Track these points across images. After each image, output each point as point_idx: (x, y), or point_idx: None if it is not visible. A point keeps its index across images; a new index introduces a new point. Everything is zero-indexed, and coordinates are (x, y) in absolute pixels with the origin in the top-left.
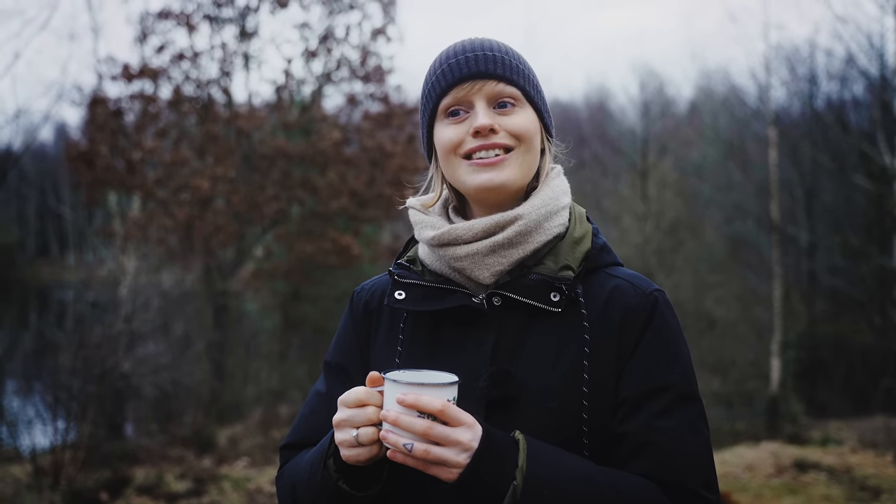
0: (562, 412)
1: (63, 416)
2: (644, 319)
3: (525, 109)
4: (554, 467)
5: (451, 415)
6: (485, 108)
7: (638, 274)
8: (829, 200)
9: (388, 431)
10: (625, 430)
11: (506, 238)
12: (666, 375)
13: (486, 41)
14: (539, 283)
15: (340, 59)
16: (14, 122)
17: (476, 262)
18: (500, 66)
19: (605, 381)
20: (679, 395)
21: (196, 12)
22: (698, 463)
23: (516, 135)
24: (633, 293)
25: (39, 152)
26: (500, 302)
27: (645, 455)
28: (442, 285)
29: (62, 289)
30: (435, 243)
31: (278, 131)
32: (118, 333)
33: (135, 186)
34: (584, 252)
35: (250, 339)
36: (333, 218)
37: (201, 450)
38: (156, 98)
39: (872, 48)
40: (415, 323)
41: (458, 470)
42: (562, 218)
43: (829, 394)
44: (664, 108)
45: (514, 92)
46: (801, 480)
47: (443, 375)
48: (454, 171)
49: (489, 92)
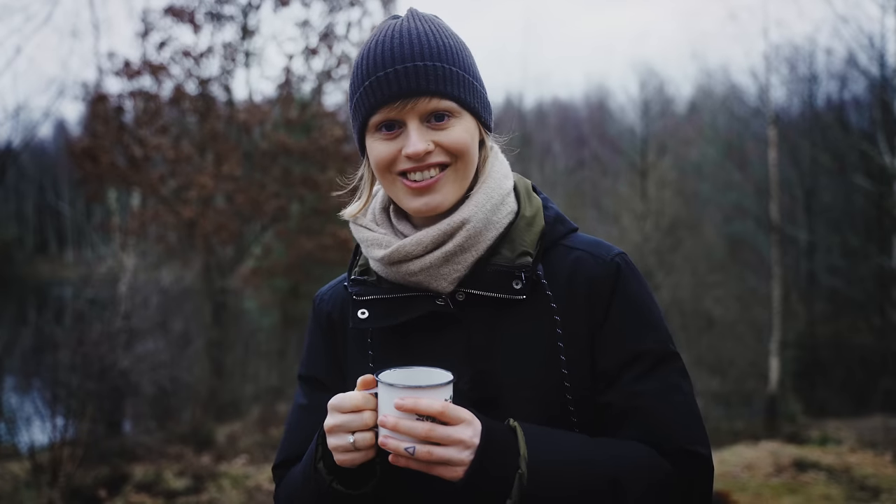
0: (545, 396)
1: (62, 412)
2: (609, 288)
3: (462, 119)
4: (553, 450)
5: (452, 414)
6: (417, 129)
7: (597, 240)
8: (828, 200)
9: (387, 437)
10: (607, 400)
11: (456, 246)
12: (639, 340)
13: (416, 40)
14: (498, 275)
15: (341, 56)
16: (14, 119)
17: (432, 275)
18: (432, 81)
19: (580, 357)
20: (656, 358)
21: (199, 9)
22: (684, 421)
23: (453, 151)
24: (594, 262)
25: (38, 149)
26: (464, 297)
27: (631, 422)
28: (403, 294)
29: (61, 285)
30: (385, 262)
31: (280, 127)
32: (117, 330)
33: (138, 183)
34: (539, 231)
35: (249, 336)
36: (333, 215)
37: (200, 447)
38: (157, 95)
39: (873, 48)
40: (382, 337)
41: (463, 468)
42: (508, 206)
43: (827, 393)
44: (664, 107)
45: (450, 105)
46: (800, 480)
47: (438, 374)
48: (389, 187)
49: (422, 110)
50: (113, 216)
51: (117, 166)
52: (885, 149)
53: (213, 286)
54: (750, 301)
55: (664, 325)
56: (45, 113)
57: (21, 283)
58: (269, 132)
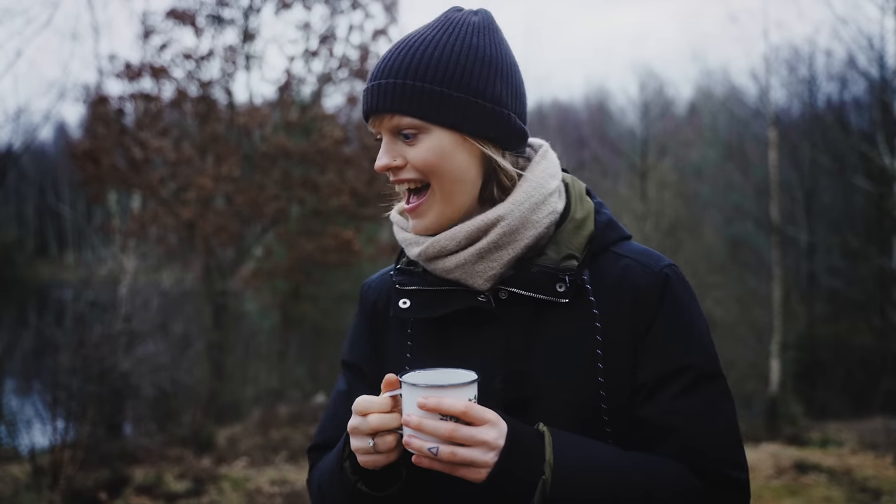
0: (580, 403)
1: (62, 415)
2: (655, 299)
3: (430, 136)
4: (581, 458)
5: (475, 415)
6: (387, 143)
7: (648, 250)
8: (828, 201)
9: (411, 437)
10: (645, 415)
11: (490, 243)
12: (683, 356)
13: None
14: (542, 275)
15: (342, 58)
16: (15, 121)
17: (467, 272)
18: (397, 99)
19: (620, 366)
20: (697, 375)
21: (200, 11)
22: (723, 443)
23: (419, 168)
24: (642, 272)
25: (39, 151)
26: (507, 296)
27: (667, 439)
28: (445, 287)
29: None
30: (423, 259)
31: (280, 130)
32: (117, 333)
33: (138, 185)
34: (588, 235)
35: (249, 338)
36: (333, 216)
37: (200, 449)
38: (158, 97)
39: (872, 49)
40: (422, 328)
41: (487, 469)
42: (551, 205)
43: (828, 395)
44: (664, 108)
45: (412, 122)
46: (801, 482)
47: (461, 374)
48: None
49: (389, 126)
50: (113, 218)
51: (118, 168)
52: (885, 150)
53: (214, 288)
54: (750, 302)
55: (710, 342)
56: (45, 115)
57: (21, 285)
58: (268, 135)
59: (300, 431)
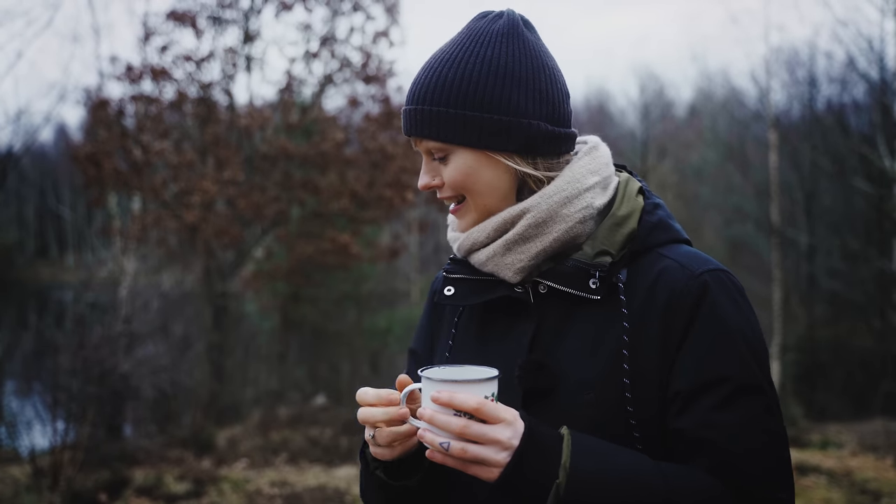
0: (601, 405)
1: (62, 416)
2: (692, 305)
3: (456, 156)
4: (600, 463)
5: (488, 412)
6: (426, 163)
7: (696, 253)
8: (828, 203)
9: (424, 430)
10: (679, 427)
11: (517, 234)
12: (722, 366)
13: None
14: (575, 271)
15: (342, 60)
16: (15, 123)
17: (497, 264)
18: (426, 126)
19: (648, 372)
20: (738, 387)
21: (200, 13)
22: (764, 462)
23: (452, 186)
24: (680, 275)
25: (39, 153)
26: (546, 290)
27: (702, 453)
28: (486, 277)
29: (61, 289)
30: (461, 253)
31: (281, 132)
32: (118, 334)
33: (139, 187)
34: (628, 233)
35: (250, 340)
36: (333, 219)
37: (200, 451)
38: (159, 99)
39: (872, 51)
40: (468, 316)
41: (499, 469)
42: (585, 201)
43: (828, 397)
44: (664, 110)
45: (437, 146)
46: (801, 484)
47: (483, 370)
48: None
49: (423, 147)
50: (114, 220)
51: (119, 171)
52: (885, 152)
53: (214, 290)
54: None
55: (758, 354)
56: (46, 117)
57: (22, 286)
58: (269, 137)
59: (300, 433)
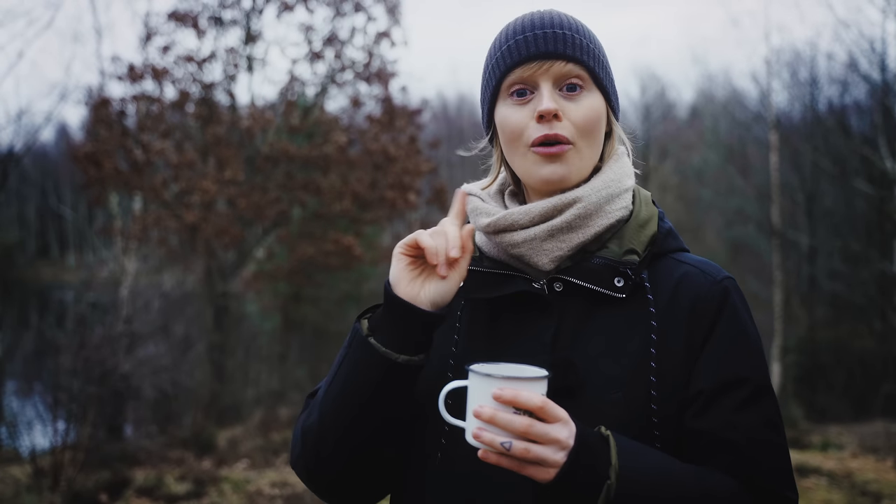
0: (628, 404)
1: (63, 417)
2: (715, 309)
3: (592, 94)
4: (644, 463)
5: (551, 411)
6: (550, 91)
7: (707, 260)
8: (829, 205)
9: (481, 429)
10: (700, 426)
11: (564, 222)
12: (741, 368)
13: (557, 16)
14: (603, 268)
15: (344, 61)
16: (16, 123)
17: (534, 248)
18: (569, 46)
19: (672, 372)
20: (755, 389)
21: (202, 14)
22: (778, 463)
23: (580, 127)
24: (703, 280)
25: (40, 153)
26: (562, 288)
27: (723, 452)
28: (501, 271)
29: (62, 289)
30: (491, 230)
31: (283, 133)
32: (118, 334)
33: (140, 187)
34: (650, 236)
35: (250, 340)
36: (335, 220)
37: (201, 451)
38: (160, 99)
39: (874, 53)
40: (472, 311)
41: (555, 469)
42: (625, 201)
43: (829, 398)
44: (665, 111)
45: (583, 73)
46: (801, 485)
47: (530, 369)
48: (517, 158)
49: (556, 73)
50: (115, 220)
51: (120, 171)
52: (886, 153)
53: (215, 290)
54: (751, 306)
55: (764, 357)
56: (47, 117)
57: (23, 286)
58: (271, 139)
59: None
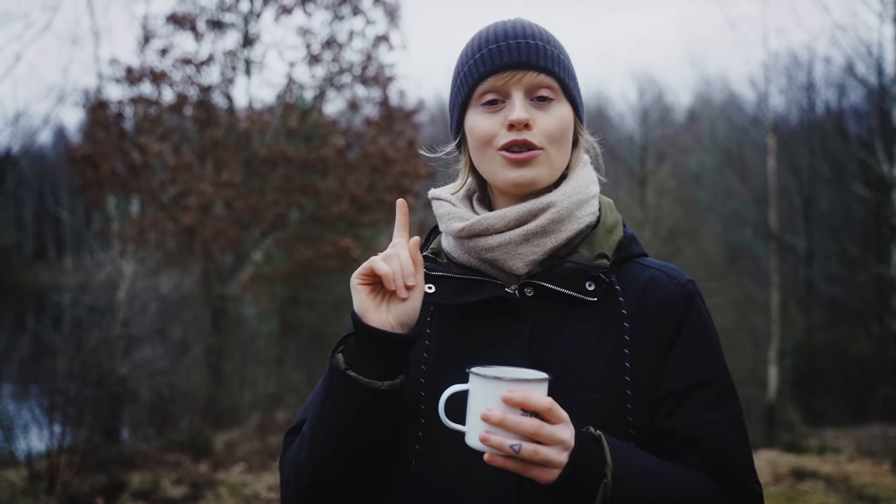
0: (607, 405)
1: (59, 420)
2: (682, 312)
3: (562, 104)
4: (634, 463)
5: (557, 413)
6: (521, 101)
7: (669, 264)
8: (827, 209)
9: (489, 433)
10: (671, 425)
11: (539, 226)
12: (708, 368)
13: (528, 26)
14: (574, 272)
15: (343, 64)
16: (14, 125)
17: (509, 252)
18: (541, 57)
19: (644, 373)
20: (722, 387)
21: (200, 16)
22: (745, 456)
23: (550, 135)
24: (669, 284)
25: (38, 155)
26: (533, 293)
27: (694, 449)
28: (472, 277)
29: (59, 292)
30: (464, 235)
31: (281, 136)
32: (115, 337)
33: (138, 190)
34: (618, 241)
35: (248, 343)
36: (333, 223)
37: (198, 455)
38: (158, 101)
39: (871, 57)
40: (442, 316)
41: (559, 470)
42: (592, 206)
43: (826, 402)
44: (663, 115)
45: (553, 84)
46: (798, 489)
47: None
48: (487, 163)
49: (528, 83)
50: (112, 223)
51: (117, 173)
52: (883, 157)
53: (212, 293)
54: (748, 309)
55: (724, 357)
56: (44, 119)
57: (19, 289)
58: (269, 142)
59: None
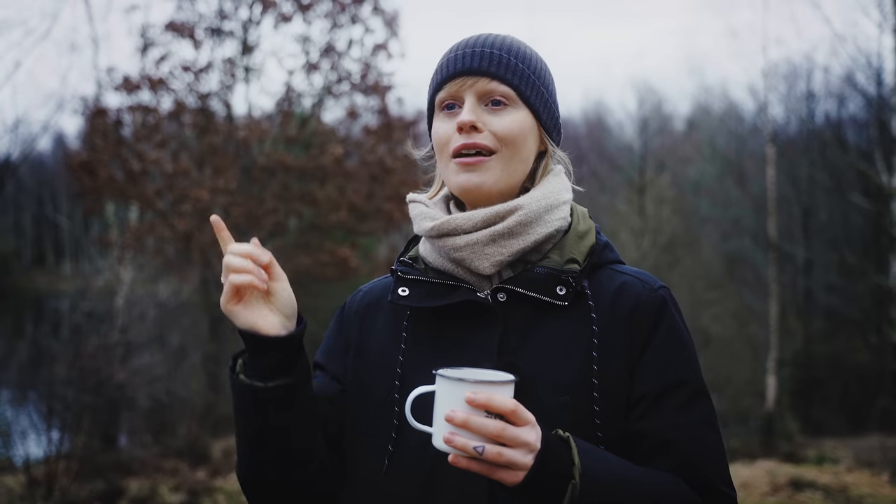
0: (576, 408)
1: (57, 426)
2: (654, 316)
3: (518, 110)
4: (603, 465)
5: (522, 415)
6: (472, 105)
7: (642, 271)
8: (825, 218)
9: (453, 434)
10: (644, 428)
11: (506, 228)
12: (680, 371)
13: (491, 38)
14: (545, 277)
15: (341, 72)
16: (13, 132)
17: (476, 252)
18: (494, 65)
19: (614, 377)
20: (695, 391)
21: (199, 24)
22: (719, 460)
23: (500, 137)
24: (641, 289)
25: (37, 162)
26: (505, 298)
27: (667, 453)
28: (446, 281)
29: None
30: (434, 234)
31: (279, 144)
32: (114, 344)
33: (136, 197)
34: (589, 247)
35: None
36: (331, 231)
37: (195, 462)
38: (156, 109)
39: (870, 67)
40: (418, 320)
41: (524, 472)
42: (563, 212)
43: (824, 412)
44: (662, 124)
45: (507, 91)
46: (796, 499)
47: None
48: (443, 167)
49: (480, 89)
50: (110, 229)
51: (115, 180)
52: (883, 167)
53: (210, 300)
54: (747, 319)
55: (698, 362)
56: (43, 126)
57: (18, 295)
58: (268, 150)
59: None
